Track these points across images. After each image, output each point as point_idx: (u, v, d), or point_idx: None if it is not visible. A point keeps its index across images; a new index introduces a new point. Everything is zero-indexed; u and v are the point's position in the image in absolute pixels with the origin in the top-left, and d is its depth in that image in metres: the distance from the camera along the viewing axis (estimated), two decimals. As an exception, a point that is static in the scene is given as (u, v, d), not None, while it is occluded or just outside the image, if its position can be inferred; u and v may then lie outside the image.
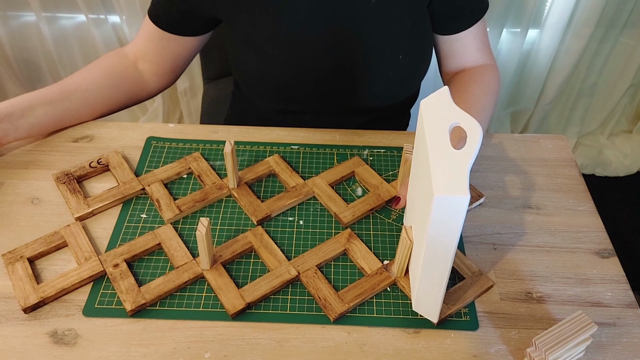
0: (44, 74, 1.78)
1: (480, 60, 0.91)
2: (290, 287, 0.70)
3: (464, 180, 0.52)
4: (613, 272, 0.72)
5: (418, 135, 0.63)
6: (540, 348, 0.59)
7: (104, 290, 0.68)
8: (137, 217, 0.77)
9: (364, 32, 0.84)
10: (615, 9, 1.57)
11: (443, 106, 0.59)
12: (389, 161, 0.87)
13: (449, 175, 0.52)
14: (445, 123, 0.57)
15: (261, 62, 0.87)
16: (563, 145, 0.91)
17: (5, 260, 0.70)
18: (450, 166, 0.53)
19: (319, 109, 0.93)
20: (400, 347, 0.64)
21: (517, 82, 1.77)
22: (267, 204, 0.78)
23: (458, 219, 0.53)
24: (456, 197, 0.51)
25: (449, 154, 0.54)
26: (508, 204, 0.81)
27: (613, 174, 1.90)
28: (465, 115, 0.57)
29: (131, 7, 1.55)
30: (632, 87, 1.80)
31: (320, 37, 0.84)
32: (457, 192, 0.51)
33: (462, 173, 0.52)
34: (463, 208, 0.52)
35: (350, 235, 0.74)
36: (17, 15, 1.67)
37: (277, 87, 0.90)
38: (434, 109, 0.59)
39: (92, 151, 0.87)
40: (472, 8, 0.88)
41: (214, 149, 0.88)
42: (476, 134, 0.54)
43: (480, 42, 0.91)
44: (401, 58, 0.86)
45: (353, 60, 0.86)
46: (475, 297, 0.69)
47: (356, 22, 0.83)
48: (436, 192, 0.51)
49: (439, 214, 0.52)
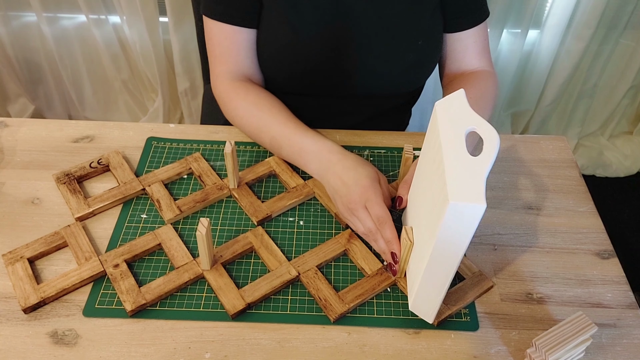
0: (44, 74, 1.78)
1: (479, 65, 0.92)
2: (290, 287, 0.70)
3: (481, 188, 0.51)
4: (613, 273, 0.72)
5: (429, 136, 0.63)
6: (540, 349, 0.59)
7: (104, 291, 0.68)
8: (137, 217, 0.77)
9: (390, 14, 0.84)
10: (615, 11, 1.57)
11: (459, 109, 0.58)
12: (389, 161, 0.87)
13: (465, 182, 0.51)
14: (461, 127, 0.56)
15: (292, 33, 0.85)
16: (563, 146, 0.91)
17: (6, 260, 0.70)
18: (466, 173, 0.52)
19: (335, 91, 0.92)
20: (400, 348, 0.64)
21: (517, 83, 1.77)
22: (267, 205, 0.78)
23: (470, 227, 0.52)
24: (472, 205, 0.50)
25: (465, 160, 0.53)
26: (508, 204, 0.81)
27: (613, 175, 1.90)
28: (482, 121, 0.56)
29: (132, 7, 1.55)
30: (632, 89, 1.80)
31: (344, 16, 0.84)
32: (473, 200, 0.50)
33: (478, 181, 0.51)
34: (477, 217, 0.51)
35: (351, 235, 0.74)
36: (18, 16, 1.67)
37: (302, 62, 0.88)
38: (449, 111, 0.59)
39: (93, 151, 0.87)
40: (475, 9, 0.89)
41: (214, 149, 0.88)
42: (493, 142, 0.53)
43: (481, 48, 0.92)
44: (420, 43, 0.87)
45: (377, 41, 0.86)
46: (475, 297, 0.69)
47: (382, 4, 0.83)
48: (451, 199, 0.50)
49: (451, 220, 0.51)
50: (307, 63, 0.88)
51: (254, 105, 0.85)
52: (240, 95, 0.86)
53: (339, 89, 0.92)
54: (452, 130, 0.56)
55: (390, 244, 0.67)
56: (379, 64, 0.88)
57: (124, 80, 1.79)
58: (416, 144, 0.89)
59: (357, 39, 0.86)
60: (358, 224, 0.72)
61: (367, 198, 0.70)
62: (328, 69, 0.88)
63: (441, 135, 0.56)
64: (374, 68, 0.88)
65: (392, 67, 0.89)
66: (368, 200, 0.70)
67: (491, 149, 0.53)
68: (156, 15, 1.60)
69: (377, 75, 0.90)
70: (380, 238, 0.69)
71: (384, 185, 0.75)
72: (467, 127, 0.56)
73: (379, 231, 0.69)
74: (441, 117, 0.58)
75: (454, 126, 0.56)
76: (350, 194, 0.71)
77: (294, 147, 0.81)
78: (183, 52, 1.65)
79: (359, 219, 0.71)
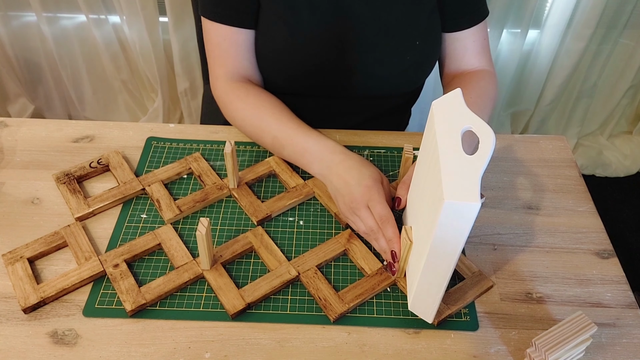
0: (44, 74, 1.78)
1: (479, 65, 0.92)
2: (290, 287, 0.70)
3: (475, 187, 0.51)
4: (613, 273, 0.72)
5: (427, 135, 0.63)
6: (540, 348, 0.59)
7: (104, 291, 0.68)
8: (137, 217, 0.77)
9: (387, 15, 0.84)
10: (615, 10, 1.57)
11: (455, 108, 0.58)
12: (389, 161, 0.87)
13: (460, 180, 0.52)
14: (457, 126, 0.56)
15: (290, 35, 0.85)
16: (563, 146, 0.91)
17: (5, 260, 0.70)
18: (461, 172, 0.52)
19: (333, 92, 0.92)
20: (400, 348, 0.64)
21: (517, 83, 1.77)
22: (267, 204, 0.78)
23: (466, 225, 0.52)
24: (466, 204, 0.50)
25: (461, 159, 0.53)
26: (508, 204, 0.81)
27: (613, 175, 1.90)
28: (478, 120, 0.56)
29: (132, 7, 1.55)
30: (632, 88, 1.80)
31: (342, 17, 0.84)
32: (468, 198, 0.50)
33: (473, 180, 0.52)
34: (472, 215, 0.51)
35: (351, 235, 0.74)
36: (18, 15, 1.67)
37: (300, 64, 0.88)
38: (445, 110, 0.59)
39: (93, 151, 0.87)
40: (474, 9, 0.89)
41: (214, 149, 0.88)
42: (489, 141, 0.53)
43: (481, 47, 0.92)
44: (418, 44, 0.87)
45: (375, 42, 0.86)
46: (475, 297, 0.69)
47: (380, 5, 0.83)
48: (446, 198, 0.50)
49: (447, 219, 0.52)
50: (305, 64, 0.88)
51: (255, 106, 0.85)
52: (240, 97, 0.86)
53: (338, 90, 0.92)
54: (449, 129, 0.56)
55: (391, 243, 0.68)
56: (378, 65, 0.88)
57: (124, 80, 1.79)
58: (416, 144, 0.89)
59: (355, 40, 0.85)
60: (359, 223, 0.72)
61: (370, 197, 0.70)
62: (326, 71, 0.88)
63: (437, 134, 0.56)
64: (373, 69, 0.88)
65: (391, 67, 0.89)
66: (371, 199, 0.70)
67: (487, 147, 0.53)
68: (156, 15, 1.60)
69: (376, 76, 0.89)
70: (382, 237, 0.69)
71: (386, 186, 0.75)
72: (463, 126, 0.56)
73: (380, 230, 0.69)
74: (438, 116, 0.58)
75: (450, 125, 0.57)
76: (353, 194, 0.71)
77: (296, 148, 0.81)
78: (183, 52, 1.65)
79: (360, 218, 0.71)
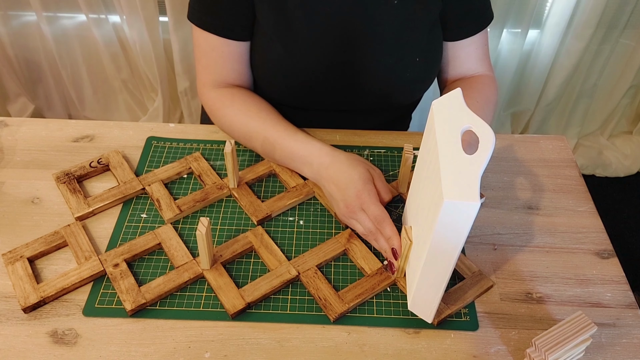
0: (44, 73, 1.78)
1: (479, 70, 0.92)
2: (290, 287, 0.70)
3: (475, 186, 0.51)
4: (613, 273, 0.72)
5: (426, 135, 0.63)
6: (540, 348, 0.59)
7: (104, 290, 0.68)
8: (137, 216, 0.77)
9: (386, 32, 0.83)
10: (615, 10, 1.57)
11: (455, 108, 0.58)
12: (389, 161, 0.87)
13: (460, 180, 0.52)
14: (457, 126, 0.56)
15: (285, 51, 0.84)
16: (563, 146, 0.91)
17: (5, 260, 0.70)
18: (461, 171, 0.52)
19: (331, 106, 0.92)
20: (400, 347, 0.64)
21: (517, 83, 1.77)
22: (267, 204, 0.78)
23: (465, 225, 0.52)
24: (466, 203, 0.50)
25: (460, 158, 0.53)
26: (508, 204, 0.81)
27: (613, 175, 1.90)
28: (478, 120, 0.56)
29: (132, 7, 1.55)
30: (632, 88, 1.80)
31: (340, 35, 0.83)
32: (467, 198, 0.50)
33: (473, 179, 0.52)
34: (472, 215, 0.51)
35: (350, 235, 0.74)
36: (18, 15, 1.67)
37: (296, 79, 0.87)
38: (445, 110, 0.59)
39: (93, 151, 0.87)
40: (479, 16, 0.88)
41: (214, 149, 0.88)
42: (489, 141, 0.53)
43: (482, 52, 0.91)
44: (418, 60, 0.86)
45: (373, 59, 0.85)
46: (475, 297, 0.69)
47: (378, 22, 0.82)
48: (446, 197, 0.50)
49: (446, 218, 0.52)
50: (301, 79, 0.87)
51: (241, 111, 0.84)
52: (225, 103, 0.85)
53: (335, 105, 0.91)
54: (448, 128, 0.57)
55: (390, 241, 0.68)
56: (376, 81, 0.87)
57: (124, 80, 1.79)
58: (416, 143, 0.89)
59: (352, 57, 0.85)
60: (357, 225, 0.72)
61: (362, 201, 0.70)
62: (323, 86, 0.88)
63: (437, 133, 0.56)
64: (371, 86, 0.88)
65: (389, 84, 0.88)
66: (363, 202, 0.70)
67: (486, 147, 0.53)
68: (156, 15, 1.60)
69: (374, 92, 0.89)
70: (381, 237, 0.69)
71: (378, 181, 0.74)
72: (463, 126, 0.56)
73: (378, 230, 0.69)
74: (438, 116, 0.59)
75: (450, 125, 0.57)
76: (346, 199, 0.71)
77: (284, 152, 0.80)
78: (183, 51, 1.65)
79: (357, 221, 0.71)
